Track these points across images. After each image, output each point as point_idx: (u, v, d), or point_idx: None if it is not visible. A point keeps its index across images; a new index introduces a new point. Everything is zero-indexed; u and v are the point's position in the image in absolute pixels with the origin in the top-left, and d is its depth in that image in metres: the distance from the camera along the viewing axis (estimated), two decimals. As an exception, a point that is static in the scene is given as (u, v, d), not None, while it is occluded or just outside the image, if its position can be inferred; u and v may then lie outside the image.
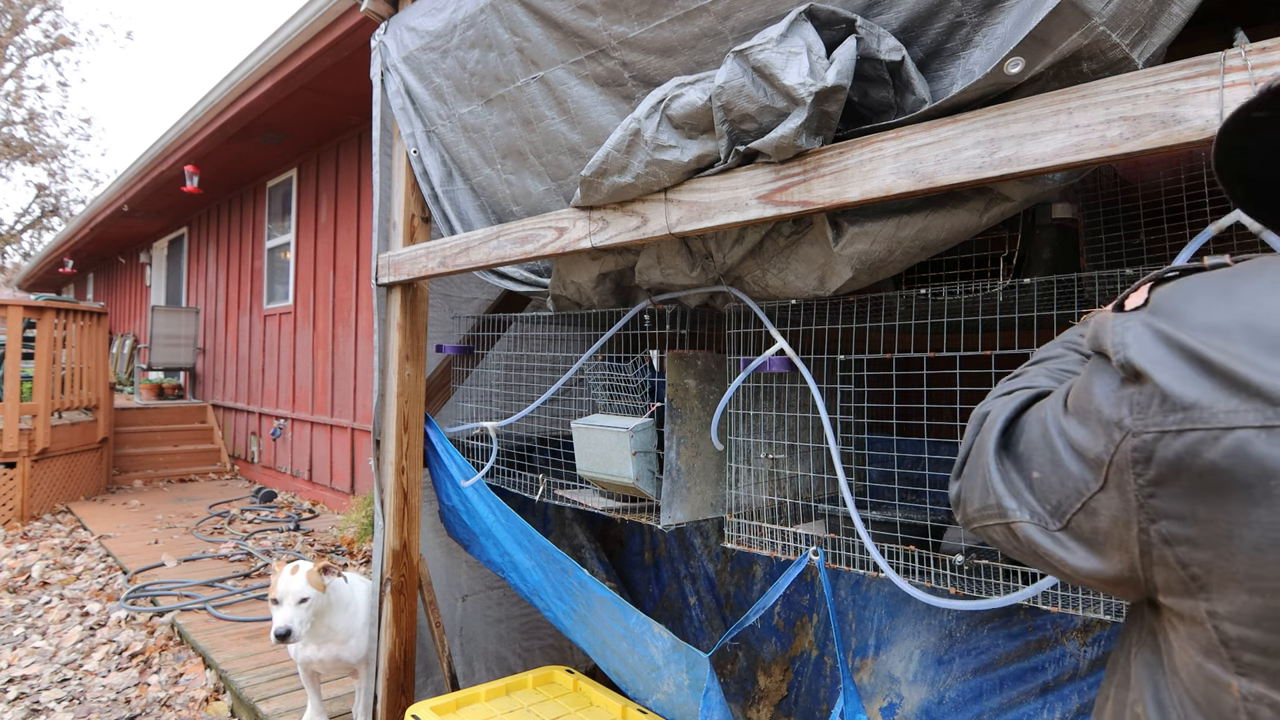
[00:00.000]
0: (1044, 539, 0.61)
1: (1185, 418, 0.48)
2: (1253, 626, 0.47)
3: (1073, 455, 0.58)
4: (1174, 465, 0.49)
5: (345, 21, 4.27)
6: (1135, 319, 0.55)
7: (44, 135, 24.06)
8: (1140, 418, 0.51)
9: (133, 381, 11.08)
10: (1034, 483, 0.62)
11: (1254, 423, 0.45)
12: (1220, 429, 0.46)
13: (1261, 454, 0.44)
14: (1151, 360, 0.51)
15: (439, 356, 2.67)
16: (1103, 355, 0.58)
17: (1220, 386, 0.47)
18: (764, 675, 2.57)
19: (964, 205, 1.31)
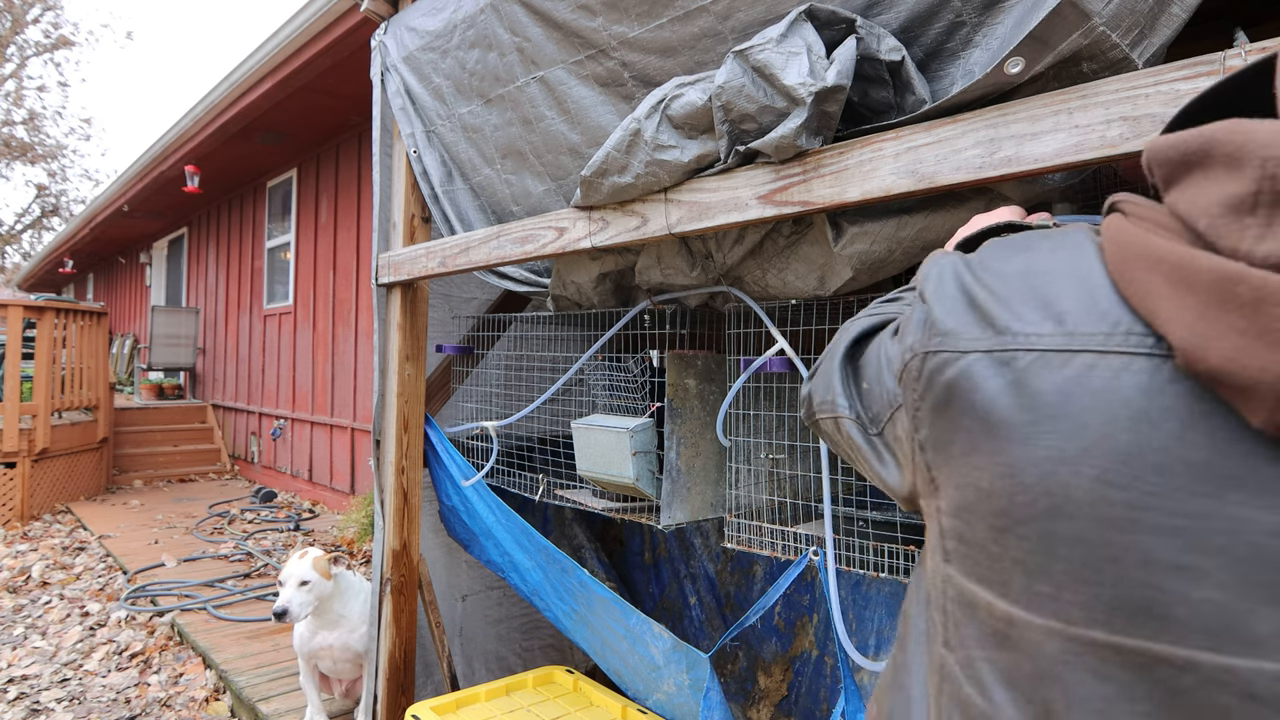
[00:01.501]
0: (863, 441, 0.68)
1: (941, 341, 0.55)
2: (953, 516, 0.54)
3: (889, 371, 0.65)
4: (928, 381, 0.56)
5: (345, 21, 4.27)
6: (951, 259, 0.61)
7: (44, 135, 24.06)
8: (919, 340, 0.58)
9: (133, 381, 11.08)
10: (864, 393, 0.69)
11: (982, 348, 0.52)
12: (960, 352, 0.53)
13: (978, 374, 0.51)
14: (936, 293, 0.58)
15: (439, 356, 2.67)
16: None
17: (975, 320, 0.53)
18: (764, 675, 2.57)
19: (964, 205, 1.31)
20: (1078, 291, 0.49)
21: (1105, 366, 0.46)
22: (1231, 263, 0.40)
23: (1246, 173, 0.40)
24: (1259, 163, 0.40)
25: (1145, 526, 0.43)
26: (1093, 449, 0.45)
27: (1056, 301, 0.49)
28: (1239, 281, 0.39)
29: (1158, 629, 0.42)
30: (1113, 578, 0.44)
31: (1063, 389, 0.47)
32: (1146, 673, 0.43)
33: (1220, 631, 0.40)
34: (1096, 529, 0.45)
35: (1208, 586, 0.41)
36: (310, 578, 2.53)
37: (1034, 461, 0.47)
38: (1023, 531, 0.48)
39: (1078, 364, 0.47)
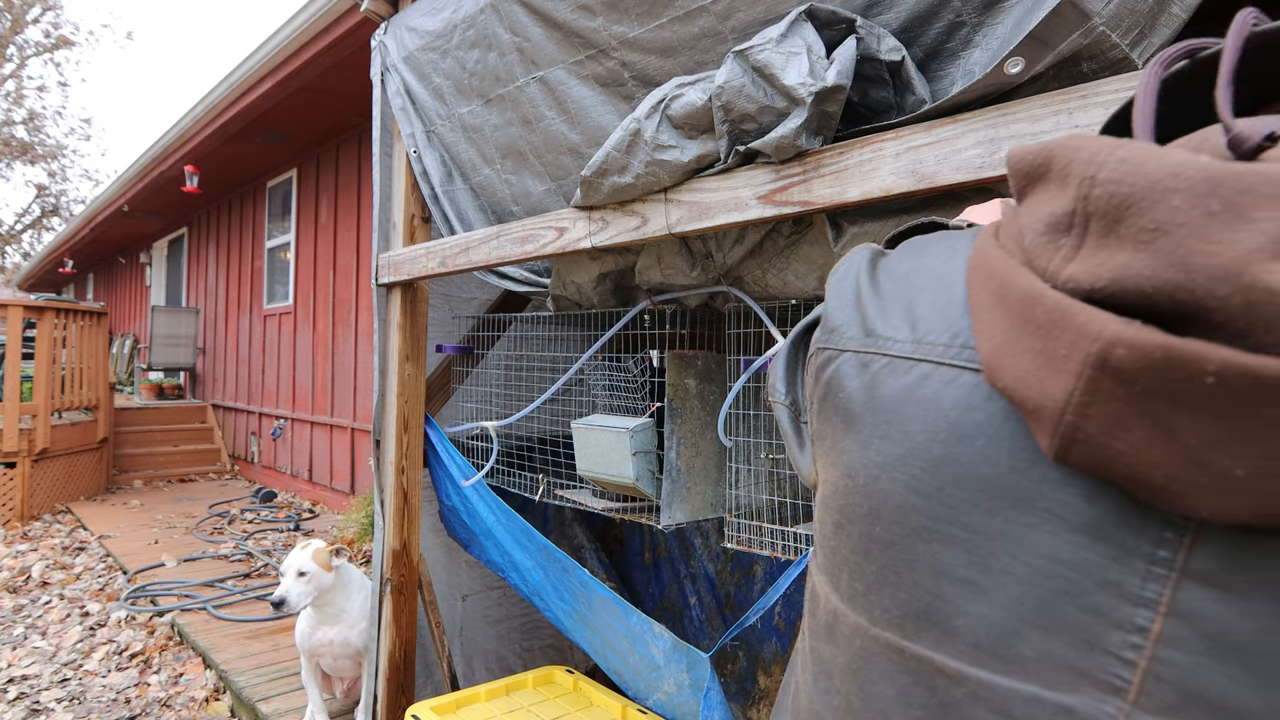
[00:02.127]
0: (790, 427, 0.68)
1: (828, 338, 0.56)
2: (819, 510, 0.55)
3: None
4: (815, 375, 0.57)
5: (345, 21, 4.27)
6: (861, 255, 0.60)
7: (44, 135, 24.06)
8: (819, 335, 0.59)
9: (133, 381, 11.08)
10: (800, 378, 0.69)
11: (852, 348, 0.53)
12: (839, 350, 0.54)
13: (845, 373, 0.52)
14: (834, 289, 0.59)
15: (439, 356, 2.67)
16: None
17: (855, 319, 0.54)
18: (764, 675, 2.57)
19: (964, 205, 1.31)
20: (937, 299, 0.49)
21: (937, 378, 0.46)
22: (1037, 283, 0.39)
23: (1069, 190, 0.39)
24: (1078, 180, 0.39)
25: (940, 537, 0.43)
26: (909, 457, 0.46)
27: (918, 308, 0.50)
28: (1038, 303, 0.39)
29: (937, 638, 0.43)
30: (909, 583, 0.45)
31: (899, 396, 0.48)
32: (925, 680, 0.43)
33: (990, 648, 0.40)
34: (902, 535, 0.45)
35: (986, 603, 0.41)
36: (309, 569, 2.55)
37: (865, 465, 0.49)
38: (851, 530, 0.49)
39: (916, 373, 0.47)
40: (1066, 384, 0.36)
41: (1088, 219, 0.38)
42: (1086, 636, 0.38)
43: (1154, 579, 0.36)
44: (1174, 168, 0.35)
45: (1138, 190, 0.35)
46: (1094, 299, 0.37)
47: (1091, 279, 0.37)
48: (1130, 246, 0.35)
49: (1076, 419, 0.36)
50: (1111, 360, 0.35)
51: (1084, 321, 0.36)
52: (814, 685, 0.53)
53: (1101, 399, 0.35)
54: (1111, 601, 0.37)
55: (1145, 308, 0.35)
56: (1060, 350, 0.37)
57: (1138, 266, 0.35)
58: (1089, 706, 0.37)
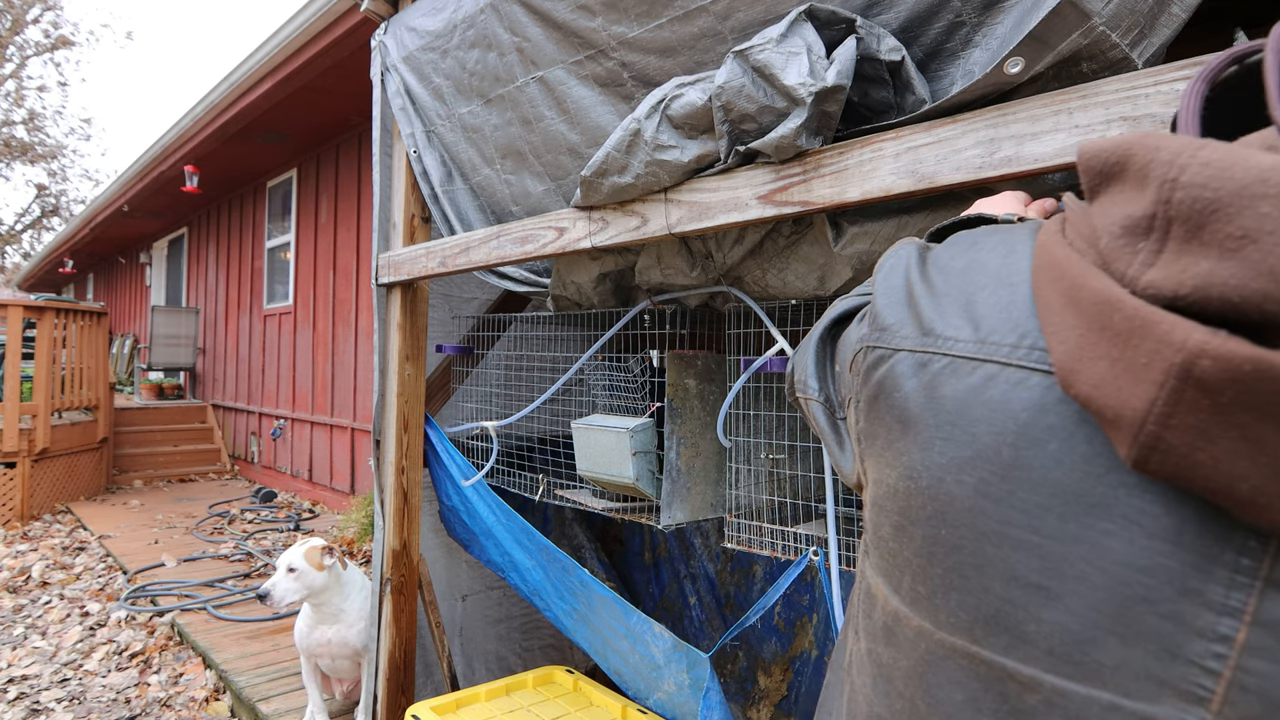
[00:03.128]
0: (827, 424, 0.68)
1: (880, 336, 0.55)
2: (872, 510, 0.55)
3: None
4: (866, 374, 0.56)
5: (345, 21, 4.27)
6: (909, 249, 0.60)
7: (44, 135, 24.05)
8: (867, 333, 0.58)
9: (133, 381, 11.08)
10: (836, 376, 0.68)
11: (909, 347, 0.52)
12: (893, 349, 0.53)
13: (901, 373, 0.52)
14: (883, 286, 0.58)
15: (439, 356, 2.67)
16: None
17: (909, 318, 0.53)
18: (764, 675, 2.57)
19: (964, 205, 1.31)
20: (1000, 298, 0.48)
21: (1004, 379, 0.45)
22: (1115, 287, 0.38)
23: (1148, 193, 0.38)
24: (1158, 183, 0.37)
25: (1011, 541, 0.43)
26: (978, 460, 0.45)
27: (979, 306, 0.49)
28: (1116, 309, 0.38)
29: (1009, 644, 0.42)
30: (978, 587, 0.44)
31: (963, 397, 0.47)
32: (996, 686, 0.43)
33: (1065, 655, 0.40)
34: (971, 539, 0.45)
35: (1060, 609, 0.40)
36: (299, 566, 2.57)
37: (929, 466, 0.48)
38: (914, 533, 0.49)
39: (981, 374, 0.46)
40: (1148, 393, 0.36)
41: (1169, 223, 0.37)
42: (1168, 645, 0.37)
43: (1238, 587, 0.36)
44: (1263, 173, 0.34)
45: (1224, 195, 0.34)
46: (1176, 306, 0.36)
47: (1174, 286, 0.36)
48: (1215, 253, 0.34)
49: (1158, 429, 0.36)
50: (1196, 371, 0.34)
51: (1166, 330, 0.35)
52: (873, 688, 0.53)
53: (1185, 410, 0.35)
54: (1193, 609, 0.37)
55: (1231, 317, 0.34)
56: (1140, 359, 0.36)
57: (1224, 275, 0.34)
58: (1170, 716, 0.37)
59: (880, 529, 0.53)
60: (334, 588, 2.67)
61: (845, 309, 0.72)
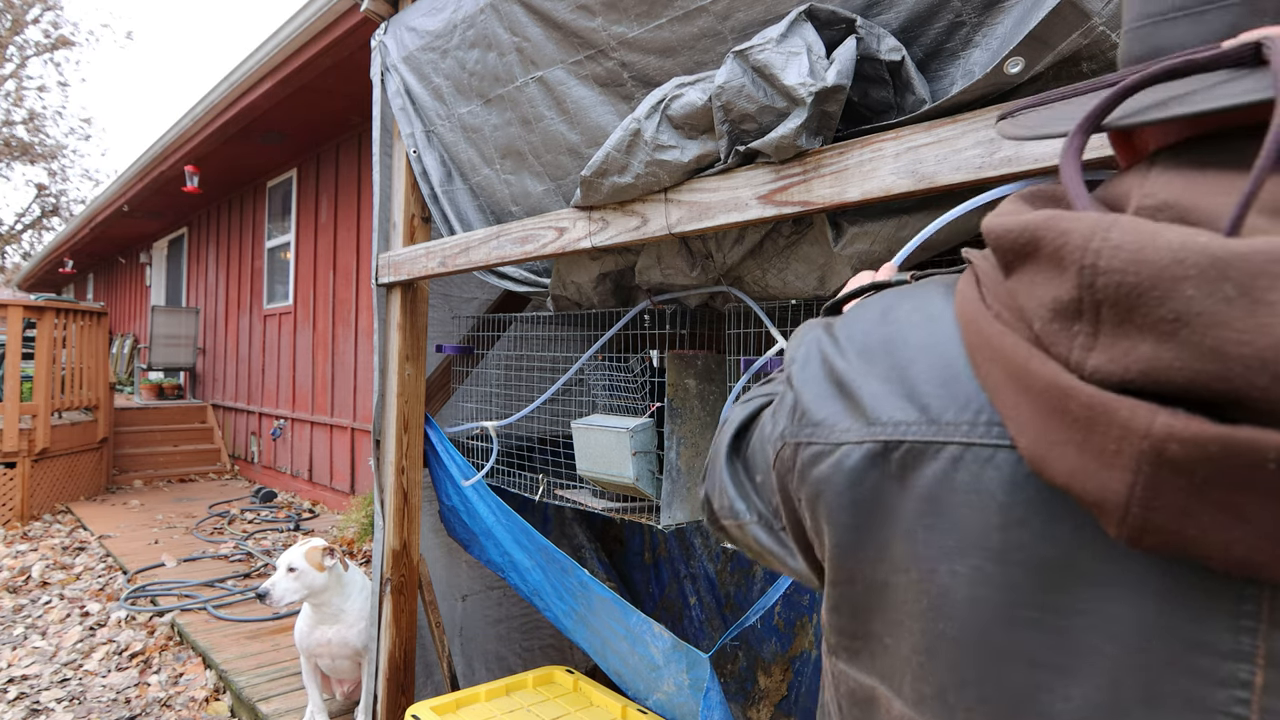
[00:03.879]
0: (769, 539, 0.63)
1: (813, 432, 0.53)
2: (840, 610, 0.53)
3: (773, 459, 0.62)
4: (802, 473, 0.54)
5: (345, 21, 4.26)
6: (816, 333, 0.58)
7: (44, 135, 24.05)
8: (789, 428, 0.56)
9: (133, 381, 11.08)
10: (758, 486, 0.64)
11: (854, 439, 0.50)
12: (833, 444, 0.51)
13: (852, 467, 0.50)
14: (802, 377, 0.56)
15: (439, 356, 2.67)
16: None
17: (845, 408, 0.52)
18: (764, 675, 2.57)
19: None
20: (938, 372, 0.47)
21: (971, 459, 0.44)
22: (1064, 374, 0.38)
23: (1068, 276, 0.38)
24: (1076, 269, 0.38)
25: (1019, 623, 0.42)
26: (967, 548, 0.44)
27: (917, 385, 0.48)
28: (1070, 396, 0.37)
29: None
30: (993, 676, 0.43)
31: (934, 484, 0.46)
32: None
33: None
34: (976, 628, 0.44)
35: (1083, 683, 0.40)
36: (299, 566, 2.58)
37: (914, 558, 0.46)
38: (910, 628, 0.47)
39: (945, 457, 0.45)
40: (1124, 479, 0.36)
41: (1098, 307, 0.37)
42: (1193, 700, 0.37)
43: (1244, 632, 0.36)
44: (1176, 253, 0.34)
45: (1144, 280, 0.35)
46: (1127, 390, 0.36)
47: (1121, 370, 0.36)
48: (1153, 337, 0.35)
49: (1143, 512, 0.36)
50: (1166, 455, 0.34)
51: (1127, 416, 0.35)
52: None
53: (1165, 492, 0.35)
54: (1208, 661, 0.37)
55: (1182, 396, 0.34)
56: (1109, 445, 0.36)
57: (1168, 358, 0.34)
58: None
59: (859, 627, 0.51)
60: (334, 588, 2.67)
61: (743, 419, 0.69)
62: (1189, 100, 0.40)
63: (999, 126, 0.58)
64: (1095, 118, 0.43)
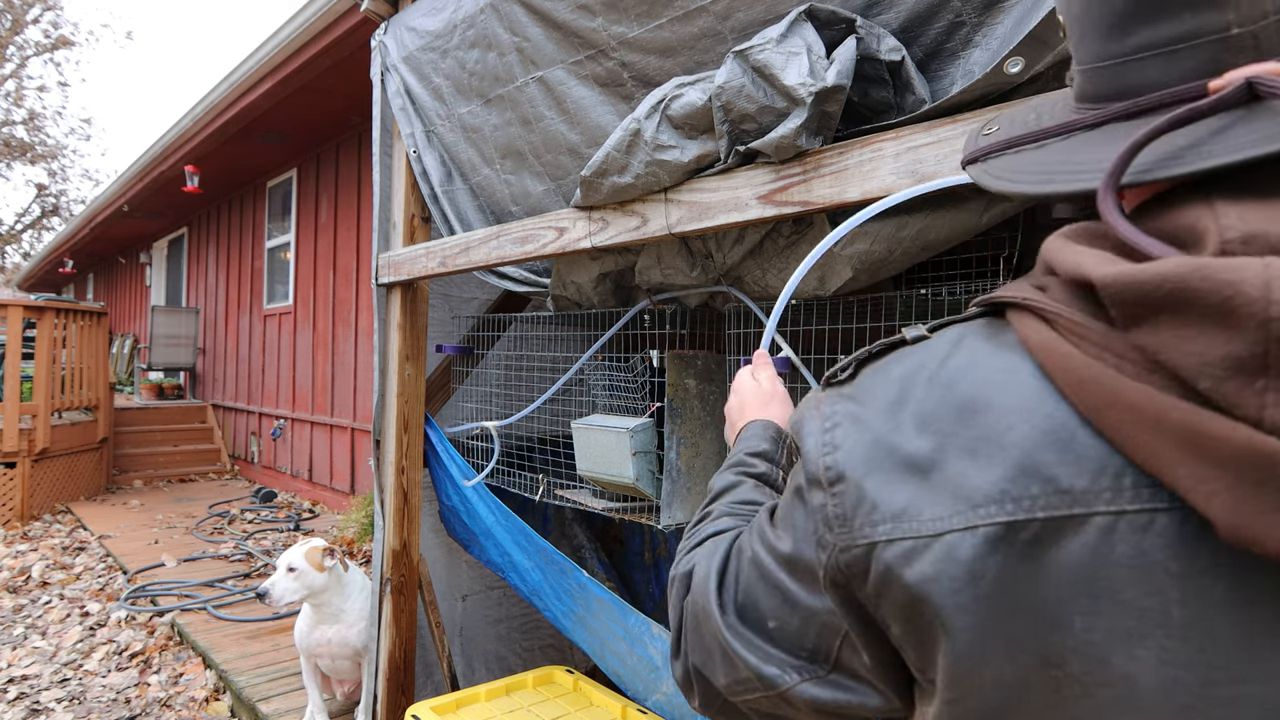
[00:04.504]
0: (826, 691, 0.54)
1: (893, 527, 0.46)
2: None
3: (807, 584, 0.53)
4: (884, 578, 0.47)
5: (345, 21, 4.27)
6: (842, 410, 0.51)
7: (44, 135, 24.06)
8: (843, 533, 0.48)
9: (133, 381, 11.08)
10: (773, 634, 0.55)
11: (959, 526, 0.44)
12: (929, 536, 0.45)
13: (965, 556, 0.43)
14: (858, 461, 0.49)
15: (439, 356, 2.67)
16: (800, 451, 0.53)
17: (930, 490, 0.45)
18: (764, 675, 2.57)
19: (964, 205, 1.31)
20: (1048, 436, 0.43)
21: (1126, 528, 0.40)
22: (1263, 438, 0.35)
23: (1245, 331, 0.36)
24: (1257, 322, 0.35)
25: (1223, 703, 0.38)
26: (1146, 629, 0.39)
27: (1031, 451, 0.43)
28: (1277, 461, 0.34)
29: None
30: None
31: (1082, 562, 0.41)
32: None
33: None
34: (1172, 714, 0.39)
35: None
36: (299, 566, 2.58)
37: (1071, 650, 0.41)
38: None
39: (1093, 529, 0.41)
40: None
41: None
42: None
43: None
44: None
45: None
46: None
47: None
48: None
49: None
50: None
51: None
52: None
53: None
54: None
55: None
56: None
57: None
58: None
59: None
60: (334, 588, 2.67)
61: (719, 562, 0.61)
62: (1210, 152, 0.40)
63: (970, 171, 0.55)
64: (1117, 174, 0.43)
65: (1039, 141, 0.52)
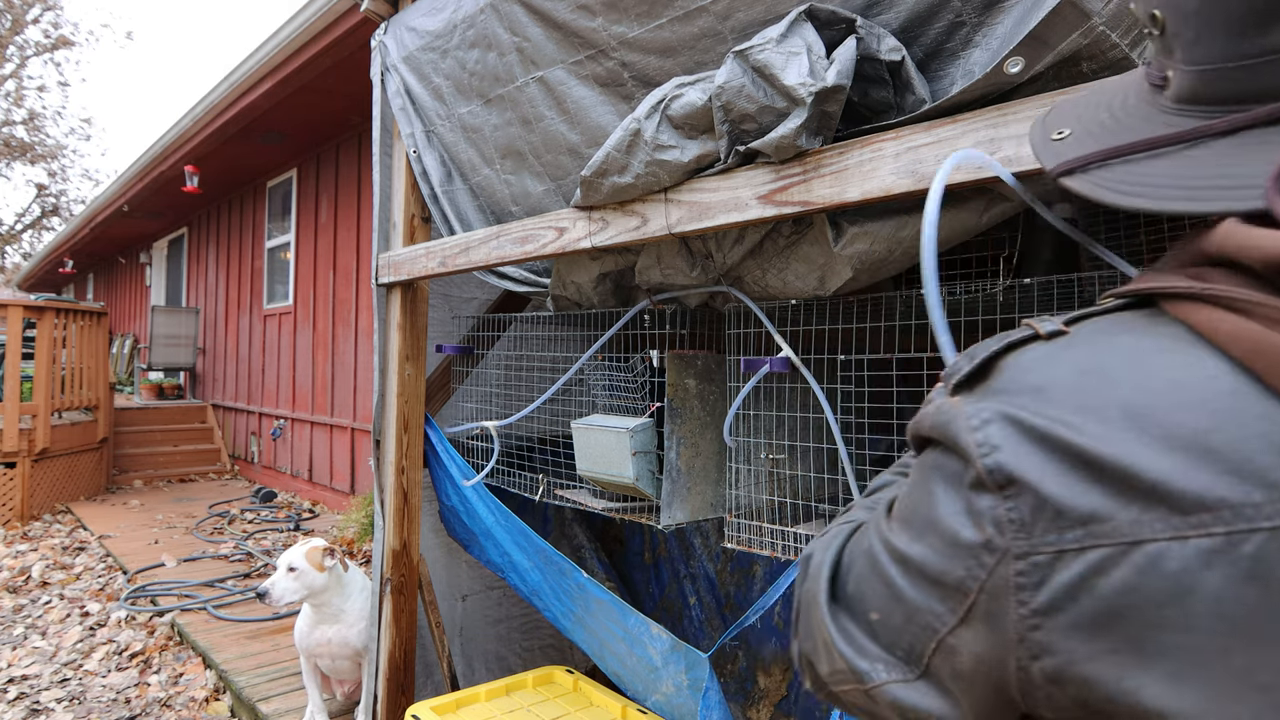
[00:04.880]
0: (910, 695, 0.51)
1: (1086, 533, 0.41)
2: None
3: (918, 583, 0.49)
4: (1072, 589, 0.42)
5: (345, 21, 4.27)
6: (989, 407, 0.47)
7: (44, 135, 24.06)
8: (1023, 535, 0.43)
9: (133, 381, 11.08)
10: (874, 626, 0.53)
11: (1165, 534, 0.39)
12: (1127, 543, 0.40)
13: (1178, 568, 0.39)
14: (1029, 463, 0.44)
15: (439, 356, 2.67)
16: (945, 450, 0.49)
17: (1121, 496, 0.41)
18: (764, 675, 2.57)
19: (964, 205, 1.31)
20: (1262, 438, 0.39)
21: None
22: None
23: None
24: None
25: None
26: None
27: (1250, 457, 0.38)
28: None
29: None
30: None
31: None
32: None
33: None
34: None
35: None
36: (299, 565, 2.58)
37: None
38: None
39: None
40: None
41: None
42: None
43: None
44: None
45: None
46: None
47: None
48: None
49: None
50: None
51: None
52: None
53: None
54: None
55: None
56: None
57: None
58: None
59: None
60: (334, 588, 2.67)
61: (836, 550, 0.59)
62: None
63: (1072, 183, 0.52)
64: None
65: (1154, 150, 0.48)
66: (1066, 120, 0.58)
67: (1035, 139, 0.60)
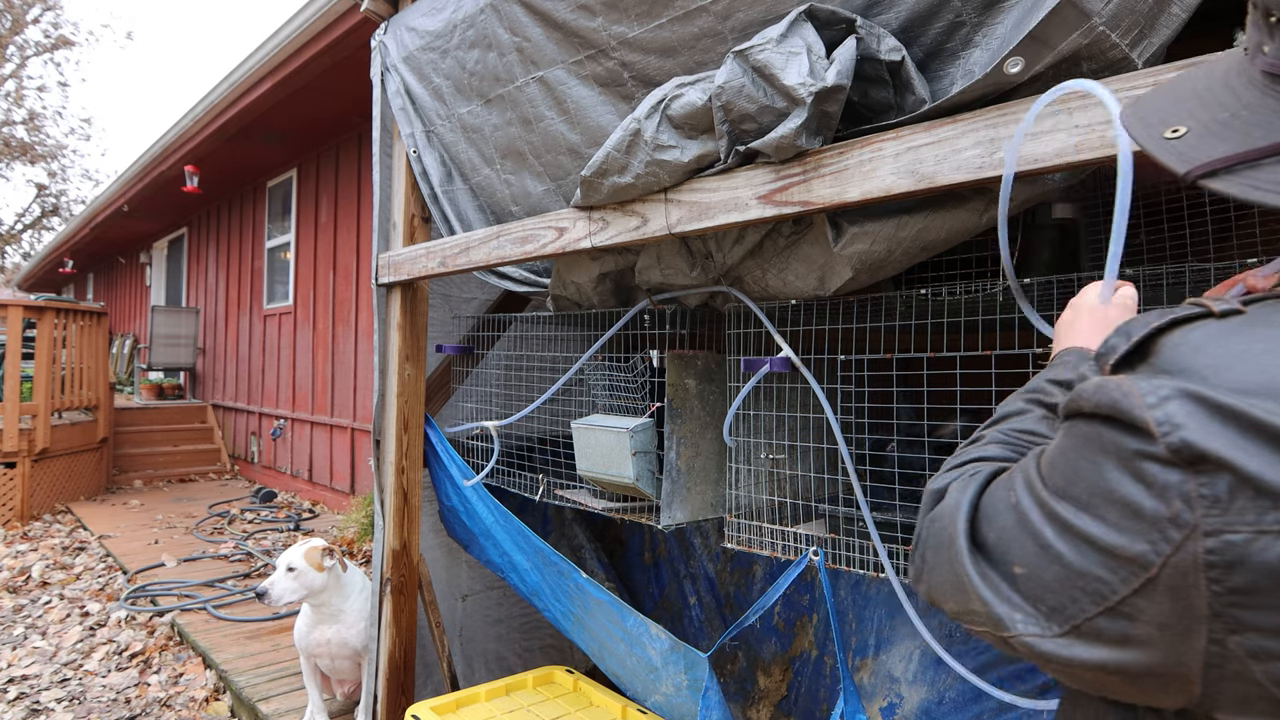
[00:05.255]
0: (1046, 645, 0.52)
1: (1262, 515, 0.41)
2: None
3: (1083, 550, 0.49)
4: (1273, 570, 0.41)
5: (345, 22, 4.27)
6: (1166, 384, 0.46)
7: (44, 135, 24.05)
8: (1219, 514, 0.43)
9: (133, 381, 11.08)
10: (1018, 579, 0.53)
11: None
12: None
13: None
14: (1220, 441, 0.42)
15: (439, 356, 2.67)
16: (1111, 424, 0.49)
17: None
18: (764, 675, 2.57)
19: (964, 205, 1.31)
20: None
21: None
22: None
23: None
24: None
25: None
26: None
27: None
28: None
29: None
30: None
31: None
32: None
33: None
34: None
35: None
36: (299, 566, 2.58)
37: None
38: None
39: None
40: None
41: None
42: None
43: None
44: None
45: None
46: None
47: None
48: None
49: None
50: None
51: None
52: None
53: None
54: None
55: None
56: None
57: None
58: None
59: None
60: (333, 588, 2.67)
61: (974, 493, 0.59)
62: None
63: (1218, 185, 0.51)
64: None
65: None
66: (1172, 116, 0.56)
67: (1141, 136, 0.58)
